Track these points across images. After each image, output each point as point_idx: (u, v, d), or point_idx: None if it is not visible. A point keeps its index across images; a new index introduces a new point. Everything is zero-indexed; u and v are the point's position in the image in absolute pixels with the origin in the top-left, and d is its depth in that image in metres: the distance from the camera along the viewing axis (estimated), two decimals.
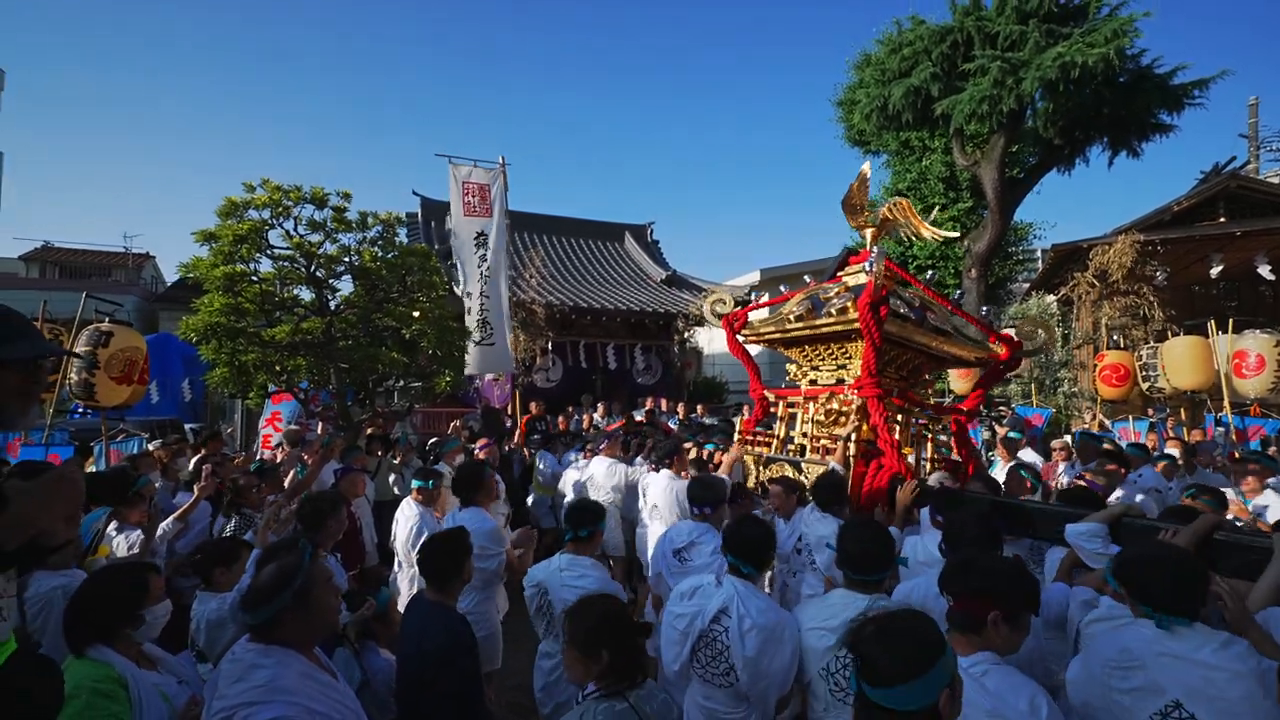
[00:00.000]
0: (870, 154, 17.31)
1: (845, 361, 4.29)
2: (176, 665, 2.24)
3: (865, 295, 3.63)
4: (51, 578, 2.56)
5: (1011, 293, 16.31)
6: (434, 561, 2.51)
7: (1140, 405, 9.74)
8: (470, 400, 12.35)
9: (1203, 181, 12.53)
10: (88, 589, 1.99)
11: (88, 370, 5.12)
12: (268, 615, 1.67)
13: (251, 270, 7.50)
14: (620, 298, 14.92)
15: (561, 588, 2.74)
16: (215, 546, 2.86)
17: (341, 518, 3.13)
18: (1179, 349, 7.77)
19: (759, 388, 4.88)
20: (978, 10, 11.64)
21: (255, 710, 1.53)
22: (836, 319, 4.00)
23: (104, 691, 1.78)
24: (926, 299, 4.45)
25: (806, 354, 4.60)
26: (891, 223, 4.39)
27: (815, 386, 4.45)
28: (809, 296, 4.45)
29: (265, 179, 7.48)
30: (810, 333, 4.25)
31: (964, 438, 4.36)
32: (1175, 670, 1.70)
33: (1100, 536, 2.54)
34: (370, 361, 7.80)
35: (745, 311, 4.94)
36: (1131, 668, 1.76)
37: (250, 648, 1.68)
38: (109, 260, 23.24)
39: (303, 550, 1.81)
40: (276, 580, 1.71)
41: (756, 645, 2.18)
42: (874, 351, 3.73)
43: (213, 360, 7.05)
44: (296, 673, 1.64)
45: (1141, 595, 1.82)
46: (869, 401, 3.82)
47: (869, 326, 3.63)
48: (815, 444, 4.24)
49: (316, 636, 1.81)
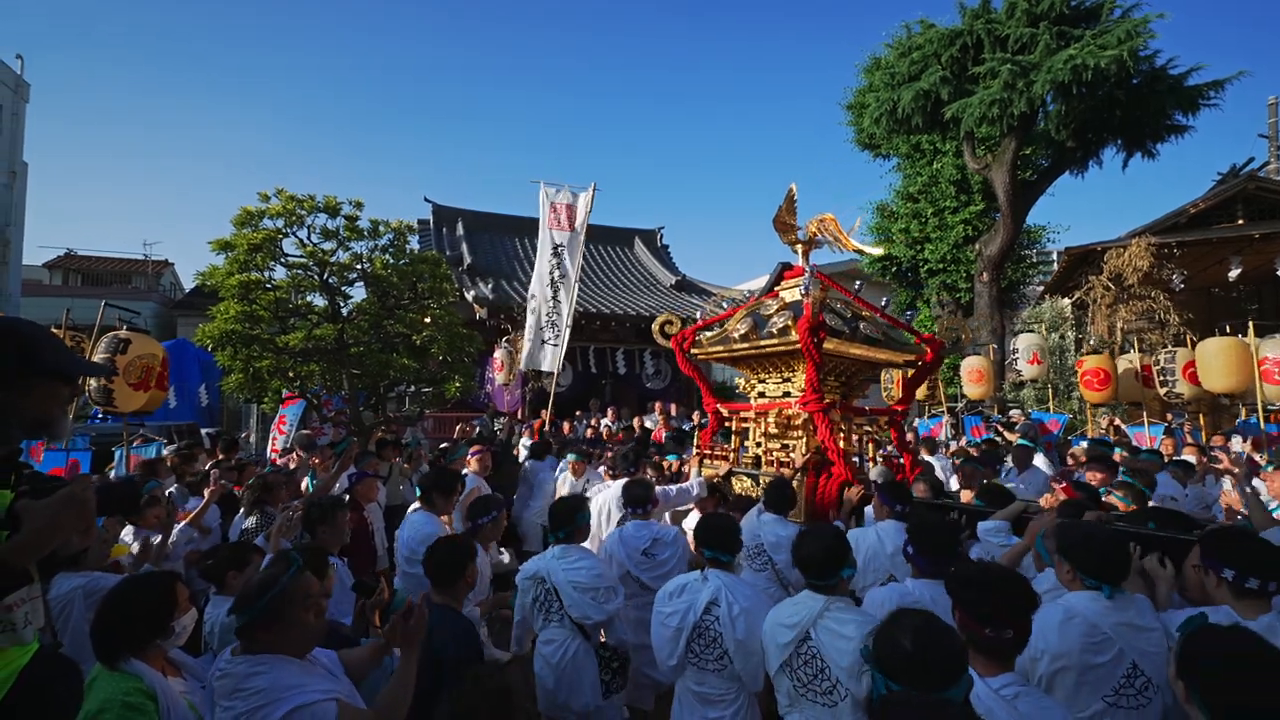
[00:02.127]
0: (880, 157, 17.26)
1: (790, 375, 4.61)
2: (200, 669, 2.25)
3: (804, 320, 3.93)
4: (72, 579, 2.63)
5: (1025, 297, 16.13)
6: (438, 564, 2.55)
7: (1159, 410, 9.59)
8: (480, 405, 12.43)
9: (1220, 183, 12.36)
10: (116, 602, 1.97)
11: (106, 377, 5.23)
12: (240, 622, 1.71)
13: (266, 278, 7.64)
14: (630, 302, 14.96)
15: (560, 572, 2.93)
16: (227, 551, 2.91)
17: (345, 522, 3.17)
18: (1213, 350, 7.57)
19: (712, 402, 5.18)
20: (987, 13, 11.59)
21: (270, 710, 1.55)
22: (779, 340, 4.27)
23: (133, 704, 1.80)
24: (857, 309, 4.71)
25: (754, 368, 4.90)
26: (820, 240, 4.69)
27: (764, 400, 4.76)
28: (750, 313, 4.73)
29: (280, 189, 7.63)
30: (755, 352, 4.55)
31: (902, 438, 4.78)
32: (1130, 638, 1.92)
33: (1003, 531, 3.01)
34: (381, 367, 7.90)
35: (693, 330, 5.19)
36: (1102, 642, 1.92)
37: (239, 659, 1.68)
38: (129, 267, 23.70)
39: (290, 563, 1.81)
40: (251, 590, 1.74)
41: (745, 628, 2.42)
42: (815, 369, 4.09)
43: (228, 366, 7.18)
44: (295, 670, 1.67)
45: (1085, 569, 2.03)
46: (815, 416, 4.15)
47: (809, 349, 3.96)
48: (769, 456, 4.57)
49: (298, 648, 1.77)
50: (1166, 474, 5.35)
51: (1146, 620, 1.96)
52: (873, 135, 14.89)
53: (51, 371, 1.47)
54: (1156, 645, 1.92)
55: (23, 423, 1.43)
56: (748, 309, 4.86)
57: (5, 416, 1.39)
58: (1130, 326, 10.26)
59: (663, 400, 12.04)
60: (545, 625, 2.98)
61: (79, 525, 1.36)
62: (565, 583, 2.89)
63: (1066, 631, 1.94)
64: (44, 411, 1.47)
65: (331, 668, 1.87)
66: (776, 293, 4.78)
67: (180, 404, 11.56)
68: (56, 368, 1.49)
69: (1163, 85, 10.73)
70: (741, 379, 5.05)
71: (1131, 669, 1.90)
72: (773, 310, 4.53)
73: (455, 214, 16.96)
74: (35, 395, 1.43)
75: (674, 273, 17.52)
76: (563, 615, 2.90)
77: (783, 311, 4.39)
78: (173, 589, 2.09)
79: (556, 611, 2.92)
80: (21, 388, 1.40)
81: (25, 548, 1.28)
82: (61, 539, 1.32)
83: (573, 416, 10.60)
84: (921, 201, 15.90)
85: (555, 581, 2.92)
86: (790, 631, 2.19)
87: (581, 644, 2.91)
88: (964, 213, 15.17)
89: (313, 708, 1.60)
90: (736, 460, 4.86)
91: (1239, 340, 7.48)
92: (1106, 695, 1.90)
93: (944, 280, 15.50)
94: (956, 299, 15.39)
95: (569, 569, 2.94)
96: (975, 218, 15.05)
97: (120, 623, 1.91)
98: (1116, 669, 1.90)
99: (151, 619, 1.98)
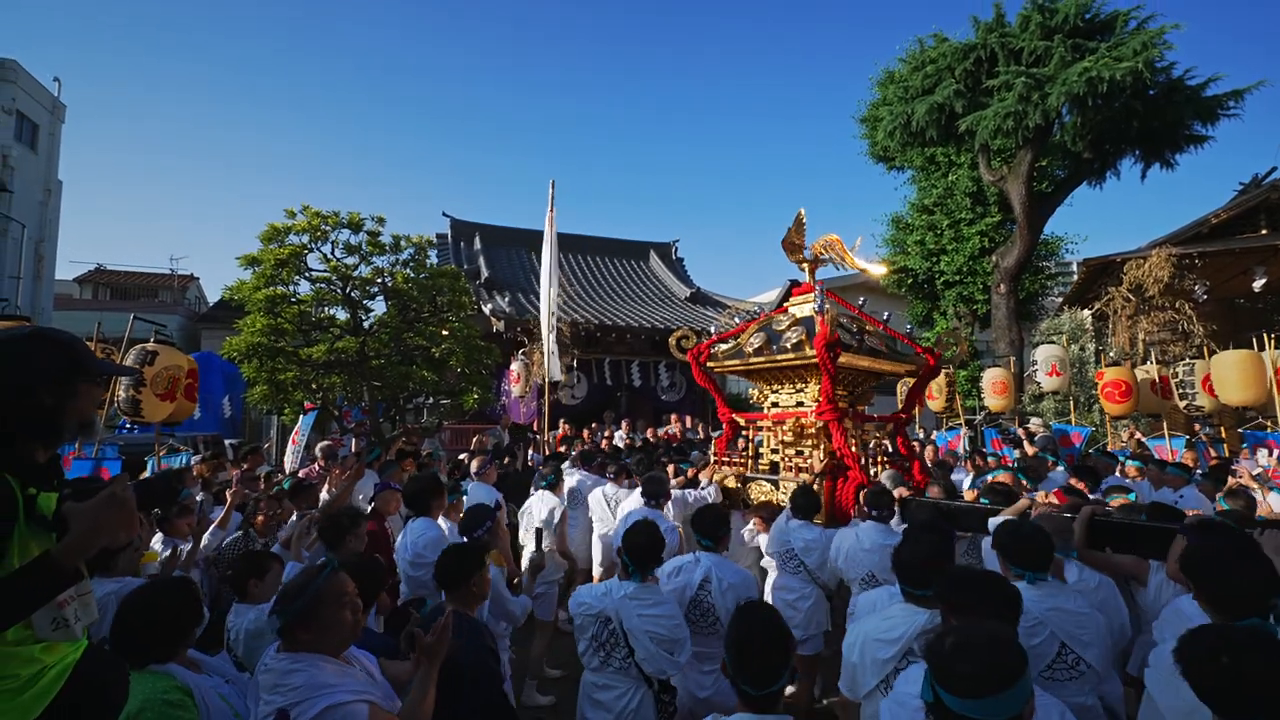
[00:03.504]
0: (895, 170, 17.23)
1: (803, 386, 4.90)
2: (219, 666, 2.31)
3: (820, 338, 4.25)
4: (105, 584, 2.69)
5: (1044, 308, 15.95)
6: (447, 569, 2.57)
7: (1181, 422, 9.42)
8: (497, 417, 12.52)
9: (1242, 193, 12.17)
10: (138, 611, 1.97)
11: (135, 388, 5.38)
12: (279, 623, 1.79)
13: (291, 292, 7.82)
14: (645, 315, 15.04)
15: (636, 617, 2.65)
16: (247, 560, 2.95)
17: (361, 533, 3.23)
18: (1229, 362, 7.45)
19: (727, 412, 5.41)
20: (1001, 27, 11.61)
21: (305, 707, 1.62)
22: (795, 356, 4.57)
23: (173, 701, 1.85)
24: (863, 323, 5.00)
25: (767, 380, 5.17)
26: (825, 259, 5.01)
27: (777, 409, 5.04)
28: (762, 328, 5.04)
29: (305, 205, 7.84)
30: (771, 365, 4.85)
31: (907, 443, 5.08)
32: (1059, 621, 2.22)
33: None
34: (401, 379, 8.04)
35: (708, 345, 5.43)
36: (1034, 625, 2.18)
37: (281, 656, 1.76)
38: (156, 281, 24.26)
39: (325, 565, 1.89)
40: (289, 591, 1.82)
41: (734, 599, 2.88)
42: (830, 382, 4.38)
43: (253, 378, 7.34)
44: (331, 671, 1.73)
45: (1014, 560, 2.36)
46: (830, 425, 4.43)
47: (825, 363, 4.28)
48: (787, 463, 4.80)
49: (335, 646, 1.83)
50: (1194, 488, 5.26)
51: (1075, 605, 2.26)
52: (887, 148, 14.90)
53: (95, 374, 1.58)
54: (1086, 626, 2.21)
55: (73, 424, 1.53)
56: (759, 324, 5.14)
57: (61, 418, 1.48)
58: (1153, 338, 10.11)
59: (678, 413, 12.05)
60: (603, 669, 2.69)
61: (123, 524, 1.43)
62: (641, 631, 2.61)
63: None
64: (89, 413, 1.58)
65: (372, 670, 1.94)
66: (785, 308, 5.12)
67: (205, 415, 11.75)
68: (101, 371, 1.63)
69: (1180, 96, 10.65)
70: (755, 390, 5.34)
71: (1061, 648, 2.20)
72: (785, 326, 4.81)
73: (473, 228, 17.21)
74: (82, 398, 1.53)
75: (689, 285, 17.59)
76: (629, 663, 2.64)
77: (795, 327, 4.67)
78: (196, 596, 2.16)
79: (623, 659, 2.64)
80: (71, 390, 1.50)
81: (74, 548, 1.35)
82: (107, 538, 1.39)
83: (588, 429, 10.65)
84: (937, 213, 15.83)
85: (628, 627, 2.64)
86: (891, 647, 2.17)
87: (646, 693, 2.67)
88: (980, 224, 15.08)
89: (345, 708, 1.65)
90: (753, 467, 5.01)
91: (1254, 353, 7.35)
92: (1042, 671, 2.18)
93: (961, 292, 15.38)
94: (973, 311, 15.26)
95: (646, 615, 2.64)
96: (991, 229, 14.96)
97: (143, 628, 1.94)
98: (1049, 648, 2.20)
99: (179, 628, 2.02)
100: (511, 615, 3.12)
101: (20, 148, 15.72)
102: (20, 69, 15.53)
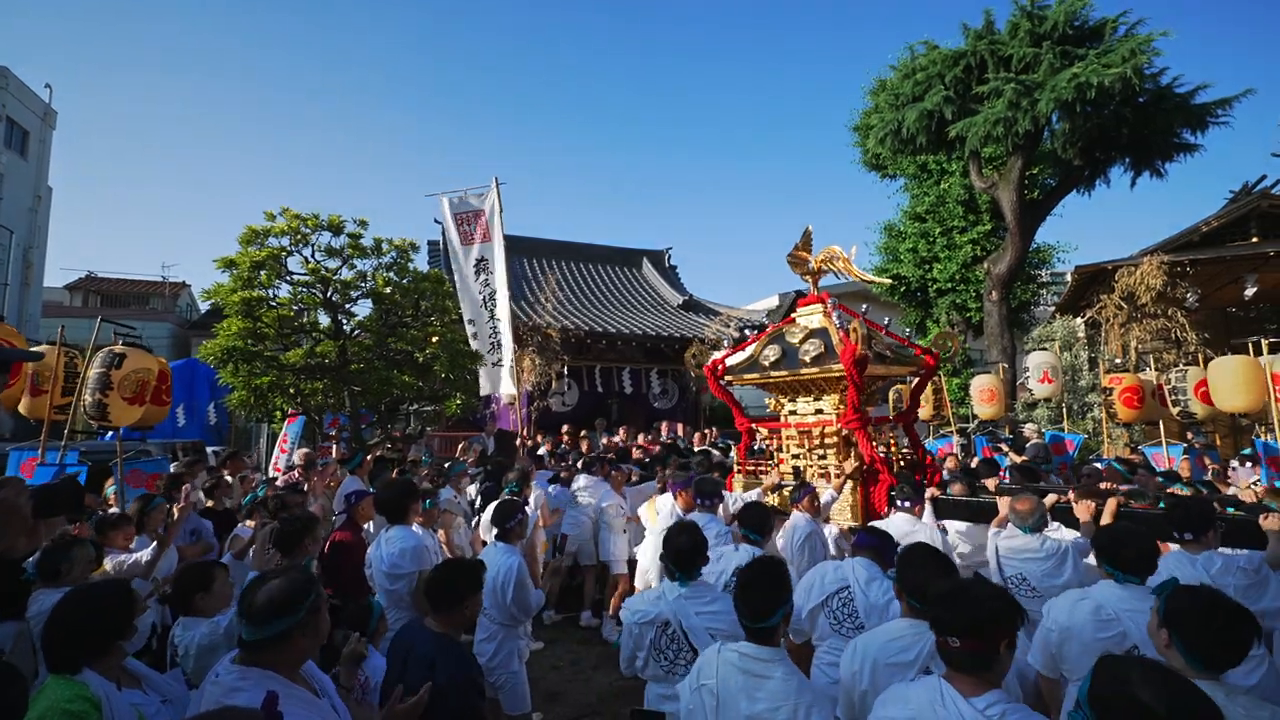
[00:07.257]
0: (887, 178, 17.27)
1: (820, 396, 5.09)
2: (163, 684, 2.18)
3: (848, 354, 4.46)
4: (52, 595, 2.55)
5: (1035, 316, 15.92)
6: (438, 586, 2.40)
7: (1178, 430, 9.32)
8: (484, 424, 12.39)
9: (1232, 201, 12.15)
10: (74, 610, 1.93)
11: (101, 391, 5.24)
12: (273, 631, 1.65)
13: (270, 295, 7.72)
14: (637, 322, 14.96)
15: (695, 615, 2.59)
16: (190, 573, 2.76)
17: (317, 539, 3.11)
18: (1227, 368, 7.34)
19: (745, 422, 5.61)
20: (990, 34, 11.64)
21: None
22: (820, 370, 4.78)
23: (75, 712, 1.76)
24: (870, 330, 5.10)
25: (784, 390, 5.34)
26: (827, 271, 5.26)
27: (795, 418, 5.24)
28: (774, 339, 5.28)
29: (285, 208, 7.76)
30: (793, 378, 5.04)
31: (917, 440, 5.34)
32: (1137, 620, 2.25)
33: None
34: (384, 385, 7.91)
35: (724, 359, 5.62)
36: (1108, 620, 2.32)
37: (232, 669, 1.67)
38: (147, 289, 24.17)
39: (307, 576, 1.80)
40: (290, 595, 1.68)
41: None
42: (857, 393, 4.62)
43: (230, 383, 7.22)
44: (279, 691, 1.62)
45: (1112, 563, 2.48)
46: (857, 434, 4.65)
47: (853, 377, 4.52)
48: (814, 470, 4.93)
49: (307, 657, 1.78)
50: None
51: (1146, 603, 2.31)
52: (879, 156, 14.92)
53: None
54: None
55: None
56: (770, 336, 5.40)
57: None
58: (1146, 346, 10.04)
59: (669, 420, 11.93)
60: (668, 677, 2.57)
61: (17, 526, 1.32)
62: (702, 629, 2.54)
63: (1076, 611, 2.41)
64: None
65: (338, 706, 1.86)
66: (793, 319, 5.32)
67: (189, 422, 11.69)
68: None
69: (1170, 103, 10.66)
70: (771, 399, 5.52)
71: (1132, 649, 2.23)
72: (799, 338, 5.04)
73: None
74: None
75: (681, 293, 17.54)
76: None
77: (811, 340, 4.92)
78: (126, 603, 2.04)
79: (688, 663, 2.50)
80: None
81: None
82: (9, 539, 1.28)
83: (578, 436, 10.51)
84: (929, 221, 15.85)
85: (688, 626, 2.57)
86: (909, 671, 2.11)
87: None
88: (972, 232, 15.09)
89: None
90: (780, 476, 5.19)
91: (1252, 359, 7.26)
92: None
93: (953, 300, 15.37)
94: (966, 318, 15.23)
95: (704, 613, 2.57)
96: (983, 237, 14.96)
97: (82, 628, 1.89)
98: (1118, 646, 2.23)
99: (116, 620, 1.96)
100: (528, 607, 3.36)
101: (10, 154, 15.68)
102: (11, 75, 15.52)
